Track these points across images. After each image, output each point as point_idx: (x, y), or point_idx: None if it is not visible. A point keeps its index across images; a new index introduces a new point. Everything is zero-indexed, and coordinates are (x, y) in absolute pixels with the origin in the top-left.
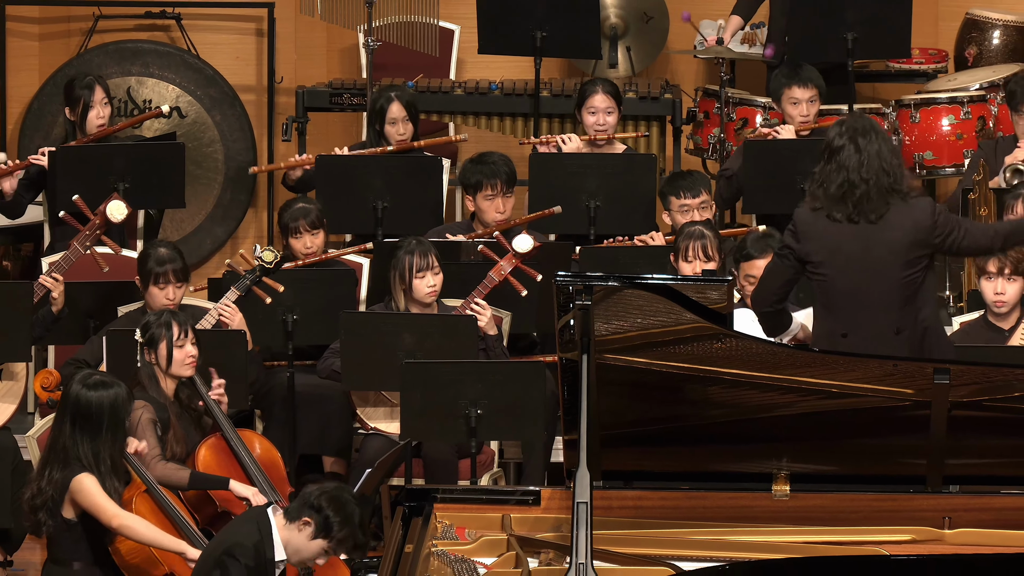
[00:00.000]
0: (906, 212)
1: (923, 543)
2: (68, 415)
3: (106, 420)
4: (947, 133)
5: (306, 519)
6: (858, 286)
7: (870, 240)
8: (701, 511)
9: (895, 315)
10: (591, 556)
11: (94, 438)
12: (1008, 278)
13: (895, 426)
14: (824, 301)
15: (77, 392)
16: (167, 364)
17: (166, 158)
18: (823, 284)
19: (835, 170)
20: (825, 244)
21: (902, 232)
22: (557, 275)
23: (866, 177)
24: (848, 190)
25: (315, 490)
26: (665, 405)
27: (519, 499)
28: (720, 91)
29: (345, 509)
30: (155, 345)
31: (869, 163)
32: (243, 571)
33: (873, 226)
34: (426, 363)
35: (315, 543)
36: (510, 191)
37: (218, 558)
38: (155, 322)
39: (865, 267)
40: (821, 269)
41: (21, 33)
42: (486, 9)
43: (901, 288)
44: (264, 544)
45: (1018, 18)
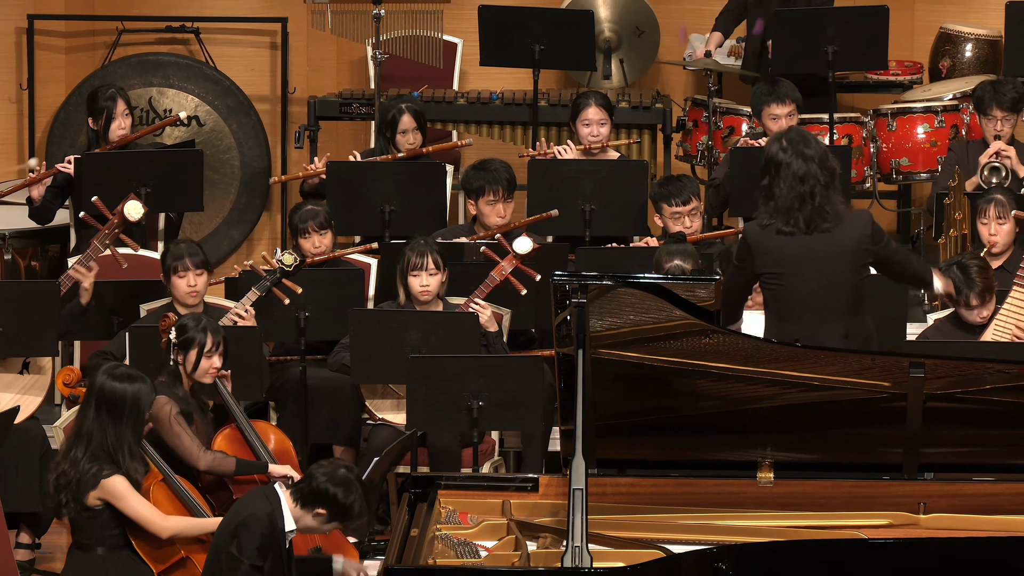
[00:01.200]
0: (848, 222)
1: (899, 527)
2: (94, 402)
3: (128, 409)
4: (922, 140)
5: (319, 510)
6: (809, 295)
7: (820, 250)
8: (690, 497)
9: (844, 322)
10: (586, 539)
11: (116, 425)
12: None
13: (873, 417)
14: (776, 310)
15: (103, 381)
16: (192, 369)
17: (185, 164)
18: (775, 294)
19: (787, 183)
20: (777, 257)
21: (847, 241)
22: (554, 275)
23: (815, 188)
24: (802, 202)
25: (322, 478)
26: (656, 397)
27: (518, 486)
28: (708, 101)
29: (354, 492)
30: (187, 349)
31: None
32: (258, 539)
33: (822, 236)
34: (431, 357)
35: (325, 527)
36: (510, 196)
37: (233, 530)
38: (193, 327)
39: (816, 276)
40: (774, 280)
41: (48, 47)
42: (487, 24)
43: (849, 295)
44: (276, 515)
45: (989, 32)
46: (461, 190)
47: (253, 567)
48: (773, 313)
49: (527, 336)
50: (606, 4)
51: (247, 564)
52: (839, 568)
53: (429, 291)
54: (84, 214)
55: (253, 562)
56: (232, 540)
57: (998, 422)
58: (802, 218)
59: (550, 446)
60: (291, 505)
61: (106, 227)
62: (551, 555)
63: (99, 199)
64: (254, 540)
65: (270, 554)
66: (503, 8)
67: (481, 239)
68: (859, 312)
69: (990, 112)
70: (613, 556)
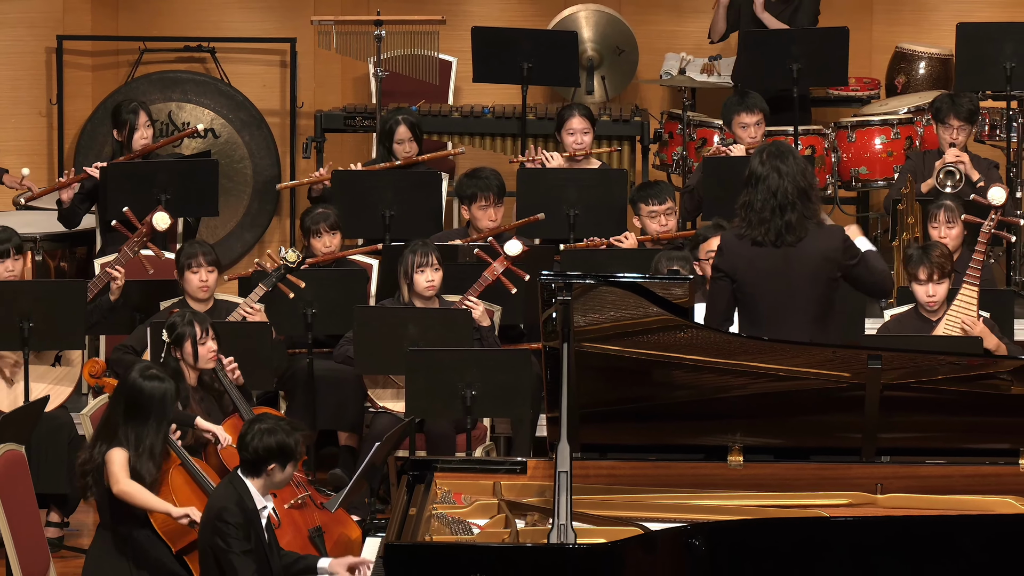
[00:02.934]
0: (821, 236)
1: (858, 506)
2: (123, 399)
3: (154, 409)
4: (879, 151)
5: (268, 468)
6: (778, 304)
7: (789, 262)
8: (666, 479)
9: (809, 330)
10: (571, 518)
11: (141, 423)
12: (937, 282)
13: (834, 405)
14: (748, 317)
15: (134, 380)
16: (194, 360)
17: (202, 173)
18: (747, 302)
19: (762, 196)
20: (750, 266)
21: (815, 255)
22: (541, 274)
23: (791, 201)
24: (776, 214)
25: (249, 439)
26: (635, 387)
27: (508, 468)
28: (683, 114)
29: (282, 429)
30: (181, 343)
31: (793, 182)
32: (237, 528)
33: (792, 249)
34: (428, 350)
35: (288, 469)
36: (500, 202)
37: (213, 526)
38: (180, 323)
39: (784, 286)
40: (746, 288)
41: (76, 65)
42: (480, 44)
43: (815, 306)
44: (244, 498)
45: (941, 51)
46: (456, 197)
47: (244, 552)
48: (744, 319)
49: (516, 331)
50: (589, 25)
51: (237, 552)
52: (803, 544)
53: (434, 286)
54: (116, 223)
55: (241, 548)
56: (215, 536)
57: (949, 410)
58: (772, 230)
59: (537, 432)
60: (252, 481)
61: (135, 235)
62: (538, 532)
63: (129, 210)
64: (234, 530)
65: (251, 534)
66: (494, 29)
67: (474, 241)
68: (826, 322)
69: (947, 121)
70: (595, 533)
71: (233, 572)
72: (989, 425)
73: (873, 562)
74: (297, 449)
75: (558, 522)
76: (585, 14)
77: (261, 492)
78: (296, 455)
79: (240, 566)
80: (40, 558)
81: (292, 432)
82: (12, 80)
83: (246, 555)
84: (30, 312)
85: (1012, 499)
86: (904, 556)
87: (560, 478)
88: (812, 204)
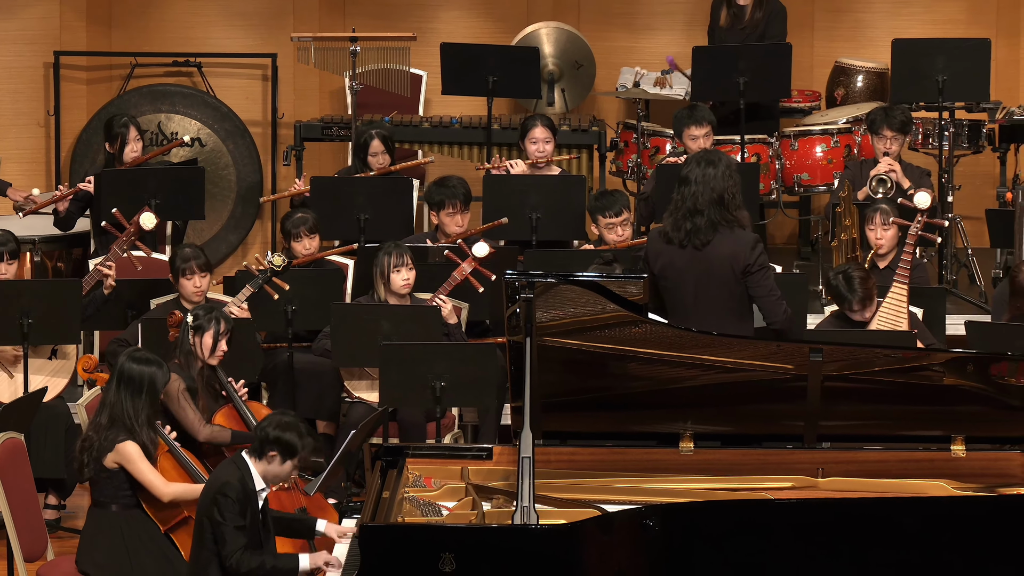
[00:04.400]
0: (731, 240)
1: (801, 489)
2: (116, 380)
3: (145, 387)
4: (820, 158)
5: (271, 453)
6: (693, 299)
7: (699, 262)
8: (622, 464)
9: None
10: (533, 500)
11: (135, 399)
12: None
13: (778, 395)
14: (668, 308)
15: (125, 363)
16: (208, 352)
17: (189, 179)
18: (666, 295)
19: (683, 199)
20: (665, 262)
21: (719, 258)
22: (506, 273)
23: (701, 208)
24: (687, 218)
25: (267, 425)
26: (593, 378)
27: (475, 454)
28: (637, 125)
29: (298, 429)
30: (202, 332)
31: (709, 190)
32: (235, 503)
33: (696, 251)
34: (401, 344)
35: (286, 467)
36: (467, 208)
37: (213, 498)
38: (205, 315)
39: (693, 284)
40: (663, 283)
41: (72, 78)
42: (448, 59)
43: (725, 303)
44: (245, 478)
45: (877, 65)
46: (425, 202)
47: (237, 527)
48: (670, 311)
49: (483, 326)
50: (550, 41)
51: (231, 525)
52: (749, 524)
53: (409, 284)
54: (105, 223)
55: (235, 523)
56: (213, 507)
57: (885, 399)
58: (682, 231)
59: (502, 420)
60: (255, 464)
61: (124, 235)
62: (503, 514)
63: (118, 211)
64: (232, 504)
65: (247, 511)
66: (461, 45)
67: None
68: (739, 314)
69: (881, 132)
70: (556, 515)
71: (224, 543)
72: (922, 413)
73: (814, 541)
74: (301, 450)
75: (521, 504)
76: (546, 31)
77: (262, 476)
78: (297, 454)
79: (231, 538)
80: (39, 538)
81: (303, 436)
82: (12, 93)
83: (239, 530)
84: (29, 309)
85: (944, 482)
86: (843, 535)
87: (523, 463)
88: (726, 211)
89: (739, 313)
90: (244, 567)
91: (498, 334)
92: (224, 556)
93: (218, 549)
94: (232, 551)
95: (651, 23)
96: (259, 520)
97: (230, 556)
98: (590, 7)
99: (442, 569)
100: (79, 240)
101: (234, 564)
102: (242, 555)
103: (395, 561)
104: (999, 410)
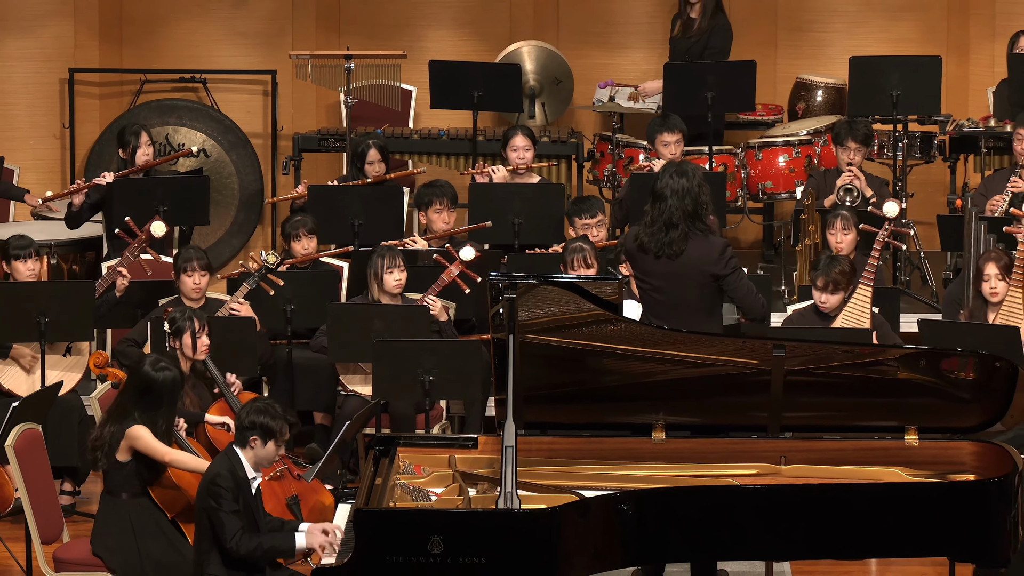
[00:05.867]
0: (702, 246)
1: (765, 476)
2: (135, 387)
3: (165, 396)
4: (783, 168)
5: (253, 438)
6: (665, 300)
7: (669, 270)
8: (598, 452)
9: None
10: (516, 486)
11: (154, 408)
12: (831, 292)
13: (744, 388)
14: (645, 307)
15: (146, 372)
16: (191, 351)
17: (195, 187)
18: (643, 296)
19: (659, 213)
20: (642, 267)
21: (692, 264)
22: (490, 275)
23: (676, 222)
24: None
25: (243, 413)
26: (572, 373)
27: (461, 444)
28: (612, 136)
29: (271, 412)
30: (180, 335)
31: (682, 205)
32: (228, 491)
33: (670, 260)
34: (392, 341)
35: (269, 447)
36: (453, 207)
37: (208, 488)
38: (180, 318)
39: (667, 288)
40: (641, 285)
41: (86, 93)
42: (436, 75)
43: (696, 304)
44: (236, 467)
45: (836, 81)
46: (415, 207)
47: (232, 512)
48: (644, 310)
49: (469, 324)
50: (531, 59)
51: (226, 511)
52: (716, 508)
53: (401, 284)
54: (118, 230)
55: (230, 508)
56: (208, 496)
57: (844, 392)
58: (658, 243)
59: (487, 412)
60: (243, 453)
61: (135, 241)
62: (488, 499)
63: (131, 219)
64: (225, 492)
65: (240, 497)
66: (449, 62)
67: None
68: (710, 317)
69: (846, 143)
70: (537, 499)
71: (221, 528)
72: (878, 405)
73: (777, 523)
74: (278, 430)
75: (505, 490)
76: (527, 49)
77: (251, 464)
78: (276, 434)
79: (227, 523)
80: (55, 522)
81: (277, 417)
82: (30, 107)
83: (234, 514)
84: (46, 309)
85: (898, 469)
86: (805, 518)
87: (506, 452)
88: (699, 221)
89: (708, 312)
90: (243, 549)
91: (483, 331)
92: (223, 540)
93: (217, 535)
94: (230, 535)
95: (625, 41)
96: (252, 505)
97: (228, 539)
98: (568, 26)
99: (431, 550)
100: (91, 244)
101: (233, 547)
102: (240, 538)
103: (387, 543)
104: (949, 402)
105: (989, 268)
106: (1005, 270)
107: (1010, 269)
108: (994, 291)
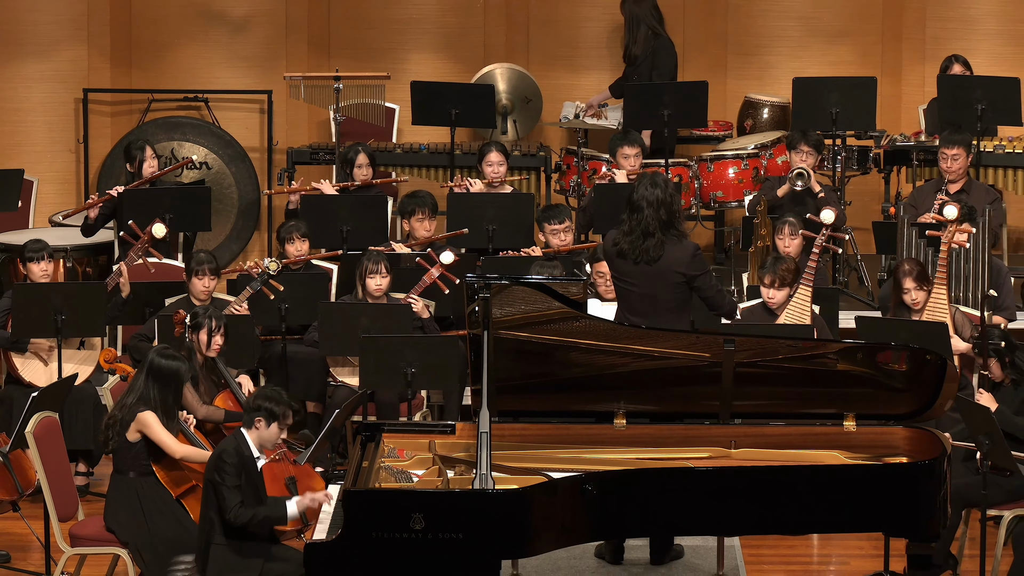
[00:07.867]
0: (676, 250)
1: (717, 459)
2: (146, 372)
3: (173, 381)
4: (732, 179)
5: (258, 419)
6: (639, 300)
7: (644, 273)
8: (565, 437)
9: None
10: (490, 468)
11: (162, 392)
12: (777, 288)
13: (697, 379)
14: (622, 305)
15: (154, 358)
16: (205, 347)
17: (198, 197)
18: (620, 293)
19: (637, 223)
20: (619, 269)
21: (665, 267)
22: (467, 276)
23: (653, 231)
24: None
25: (251, 398)
26: (541, 365)
27: (441, 430)
28: (578, 150)
29: (276, 398)
30: (198, 330)
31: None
32: (232, 466)
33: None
34: (377, 336)
35: (272, 429)
36: (434, 216)
37: (214, 463)
38: (202, 314)
39: (642, 289)
40: (619, 283)
41: (99, 112)
42: (417, 95)
43: (669, 303)
44: (241, 446)
45: (781, 100)
46: (398, 215)
47: (234, 486)
48: (620, 307)
49: (447, 321)
50: (503, 80)
51: (229, 485)
52: (673, 488)
53: (381, 289)
54: (123, 233)
55: (233, 483)
56: (214, 471)
57: (788, 382)
58: (636, 250)
59: (464, 401)
60: (248, 434)
61: (138, 243)
62: (464, 480)
63: (134, 222)
64: (229, 467)
65: (243, 473)
66: (428, 83)
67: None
68: (680, 313)
69: (799, 147)
70: (509, 480)
71: (223, 500)
72: (819, 394)
73: (727, 502)
74: (281, 414)
75: (480, 472)
76: (500, 71)
77: (256, 445)
78: (280, 418)
79: (228, 496)
80: (71, 501)
81: (281, 402)
82: (47, 124)
83: (235, 489)
84: (62, 308)
85: (837, 452)
86: (753, 497)
87: (481, 438)
88: (672, 228)
89: (678, 309)
90: (242, 519)
91: (460, 328)
92: (224, 511)
93: (219, 505)
94: (230, 507)
95: (590, 64)
96: (255, 482)
97: (228, 511)
98: (537, 50)
99: (413, 527)
100: (105, 249)
101: (232, 518)
102: (239, 510)
103: (373, 520)
104: (884, 392)
105: (907, 283)
106: (921, 279)
107: (925, 277)
108: (915, 302)
